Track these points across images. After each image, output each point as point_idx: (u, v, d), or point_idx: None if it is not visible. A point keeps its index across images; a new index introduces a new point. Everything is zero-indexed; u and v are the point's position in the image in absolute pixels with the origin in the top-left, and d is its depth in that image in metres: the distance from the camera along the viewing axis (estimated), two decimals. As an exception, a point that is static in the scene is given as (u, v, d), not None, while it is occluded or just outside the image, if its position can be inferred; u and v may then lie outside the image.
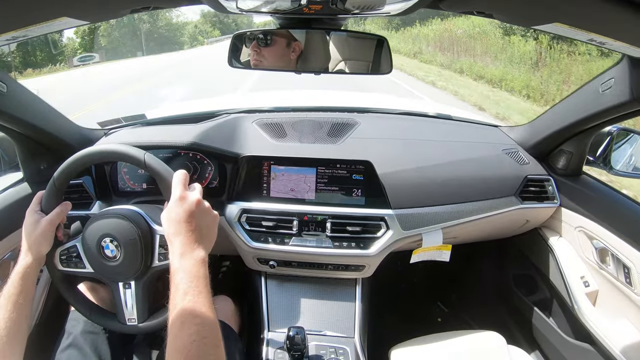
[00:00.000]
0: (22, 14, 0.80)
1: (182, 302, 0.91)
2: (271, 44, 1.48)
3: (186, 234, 1.01)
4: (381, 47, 1.47)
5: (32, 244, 1.14)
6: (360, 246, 1.59)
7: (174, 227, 1.02)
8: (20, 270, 1.11)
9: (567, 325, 1.75)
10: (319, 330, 1.59)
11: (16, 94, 1.35)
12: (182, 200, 1.04)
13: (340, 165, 1.62)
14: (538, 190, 1.74)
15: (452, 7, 1.04)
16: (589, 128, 1.54)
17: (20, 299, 1.09)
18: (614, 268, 1.52)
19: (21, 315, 1.08)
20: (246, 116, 1.88)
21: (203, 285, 0.95)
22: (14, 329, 1.05)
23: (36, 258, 1.15)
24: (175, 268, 0.97)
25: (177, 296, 0.93)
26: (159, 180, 1.16)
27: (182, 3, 1.11)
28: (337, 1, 1.05)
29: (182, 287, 0.93)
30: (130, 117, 2.01)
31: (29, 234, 1.15)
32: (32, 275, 1.14)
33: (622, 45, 0.95)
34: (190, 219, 1.02)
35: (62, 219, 1.21)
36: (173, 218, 1.03)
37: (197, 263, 0.98)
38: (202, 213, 1.06)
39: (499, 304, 2.23)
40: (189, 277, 0.95)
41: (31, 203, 1.21)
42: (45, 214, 1.18)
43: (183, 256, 0.98)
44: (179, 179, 1.08)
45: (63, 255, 1.23)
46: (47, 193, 1.20)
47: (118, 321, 1.26)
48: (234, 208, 1.62)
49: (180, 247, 0.99)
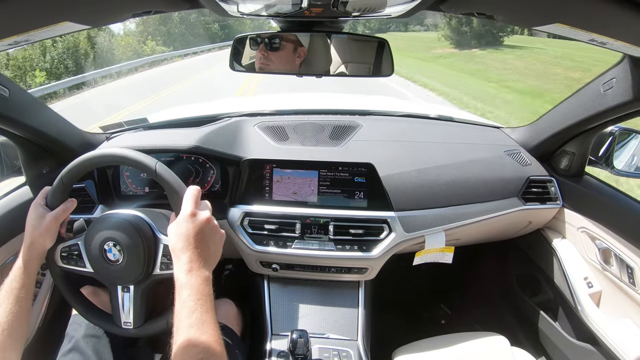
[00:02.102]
0: (25, 19, 0.80)
1: (189, 319, 0.91)
2: (279, 48, 1.49)
3: (194, 250, 1.01)
4: (382, 50, 1.47)
5: (35, 239, 1.14)
6: (363, 249, 1.59)
7: (182, 243, 1.02)
8: (22, 264, 1.12)
9: (570, 327, 1.75)
10: (321, 333, 1.59)
11: (18, 98, 1.35)
12: (193, 217, 1.04)
13: (342, 168, 1.62)
14: (540, 192, 1.73)
15: (453, 9, 1.04)
16: (591, 128, 1.54)
17: (22, 292, 1.09)
18: (618, 269, 1.52)
19: (22, 308, 1.09)
20: (248, 119, 1.88)
21: (209, 304, 0.96)
22: (15, 323, 1.06)
23: (39, 253, 1.15)
24: (181, 284, 0.97)
25: (183, 313, 0.93)
26: (168, 192, 1.16)
27: (183, 7, 1.11)
28: (338, 4, 1.05)
29: (190, 304, 0.93)
30: (132, 121, 2.01)
31: (33, 228, 1.15)
32: (34, 269, 1.14)
33: (623, 45, 0.94)
34: (199, 237, 1.02)
35: (66, 216, 1.21)
36: (182, 234, 1.02)
37: (203, 281, 0.99)
38: (211, 232, 1.06)
39: (502, 306, 2.23)
40: (197, 294, 0.95)
41: (37, 196, 1.21)
42: (50, 209, 1.19)
43: (190, 273, 0.98)
44: (192, 194, 1.08)
45: (64, 252, 1.23)
46: (53, 189, 1.20)
47: (113, 323, 1.26)
48: (236, 211, 1.62)
49: (187, 263, 0.99)
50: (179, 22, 42.26)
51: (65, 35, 9.89)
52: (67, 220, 1.25)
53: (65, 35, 9.89)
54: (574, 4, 0.78)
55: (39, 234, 1.15)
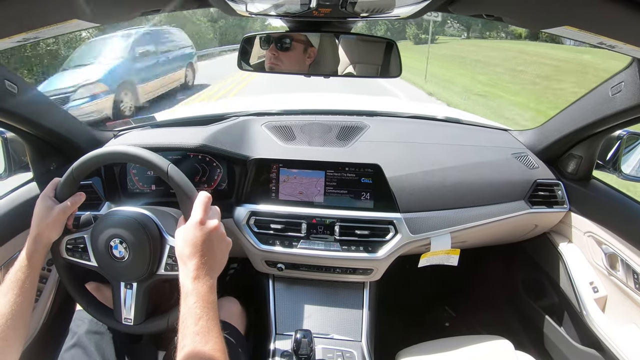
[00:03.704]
0: (34, 16, 0.80)
1: (195, 327, 0.92)
2: (290, 48, 1.49)
3: (201, 258, 1.01)
4: (390, 50, 1.47)
5: (42, 230, 1.15)
6: (369, 250, 1.59)
7: (189, 250, 1.02)
8: (27, 255, 1.12)
9: (575, 331, 1.74)
10: (325, 334, 1.59)
11: (27, 95, 1.36)
12: (202, 225, 1.04)
13: (349, 169, 1.62)
14: (547, 195, 1.73)
15: (462, 11, 1.04)
16: (599, 132, 1.53)
17: (27, 283, 1.10)
18: (624, 273, 1.51)
19: (26, 299, 1.09)
20: (255, 119, 1.88)
21: (214, 312, 0.97)
22: (18, 313, 1.06)
23: (45, 244, 1.16)
24: (187, 291, 0.98)
25: (189, 320, 0.93)
26: (179, 195, 1.15)
27: (192, 6, 1.12)
28: (347, 4, 1.05)
29: (196, 311, 0.94)
30: (139, 119, 2.03)
31: (41, 219, 1.15)
32: (39, 260, 1.15)
33: (633, 48, 0.94)
34: (207, 245, 1.03)
35: (74, 209, 1.22)
36: (190, 240, 1.03)
37: (209, 289, 0.99)
38: (219, 240, 1.07)
39: (507, 309, 2.22)
40: (203, 302, 0.96)
41: (46, 188, 1.21)
42: (58, 201, 1.19)
43: (197, 280, 0.99)
44: (202, 201, 1.08)
45: (69, 245, 1.24)
46: (63, 181, 1.20)
47: (114, 318, 1.26)
48: (242, 211, 1.62)
49: (194, 270, 1.00)
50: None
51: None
52: (74, 214, 1.26)
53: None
54: (583, 7, 0.77)
55: (45, 226, 1.15)
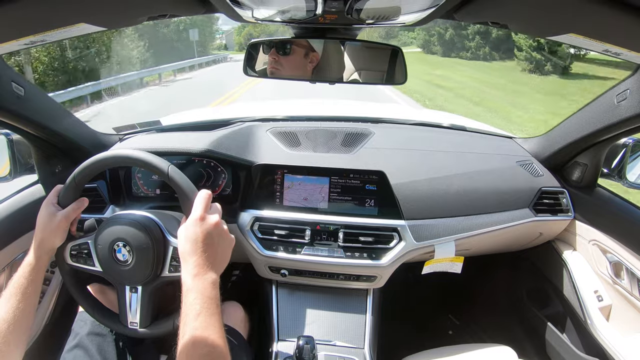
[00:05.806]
0: (41, 19, 0.81)
1: (194, 322, 0.92)
2: (290, 53, 1.50)
3: (201, 255, 1.01)
4: (395, 57, 1.48)
5: (46, 237, 1.15)
6: (372, 257, 1.59)
7: (190, 247, 1.03)
8: (31, 261, 1.13)
9: (579, 340, 1.72)
10: (328, 340, 1.58)
11: (33, 98, 1.36)
12: (202, 221, 1.05)
13: (353, 175, 1.62)
14: (552, 203, 1.72)
15: (467, 18, 1.04)
16: (604, 140, 1.53)
17: (30, 289, 1.11)
18: (628, 282, 1.50)
19: (29, 305, 1.10)
20: (260, 124, 1.89)
21: (215, 307, 0.97)
22: (21, 318, 1.07)
23: (48, 251, 1.16)
24: (187, 287, 0.98)
25: (189, 316, 0.94)
26: (180, 195, 1.16)
27: (198, 12, 1.12)
28: (352, 11, 1.06)
29: (196, 307, 0.94)
30: (145, 123, 2.03)
31: (44, 226, 1.16)
32: (43, 267, 1.15)
33: (638, 56, 0.94)
34: (207, 241, 1.03)
35: (77, 215, 1.23)
36: (190, 237, 1.03)
37: (210, 285, 0.99)
38: (220, 236, 1.07)
39: (511, 317, 2.21)
40: (202, 298, 0.96)
41: (49, 194, 1.22)
42: (61, 207, 1.20)
43: (197, 277, 0.99)
44: (203, 198, 1.09)
45: (74, 251, 1.24)
46: (65, 188, 1.21)
47: (120, 322, 1.26)
48: (246, 216, 1.63)
49: (194, 267, 1.00)
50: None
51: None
52: (78, 219, 1.26)
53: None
54: (588, 15, 0.77)
55: (49, 232, 1.16)
